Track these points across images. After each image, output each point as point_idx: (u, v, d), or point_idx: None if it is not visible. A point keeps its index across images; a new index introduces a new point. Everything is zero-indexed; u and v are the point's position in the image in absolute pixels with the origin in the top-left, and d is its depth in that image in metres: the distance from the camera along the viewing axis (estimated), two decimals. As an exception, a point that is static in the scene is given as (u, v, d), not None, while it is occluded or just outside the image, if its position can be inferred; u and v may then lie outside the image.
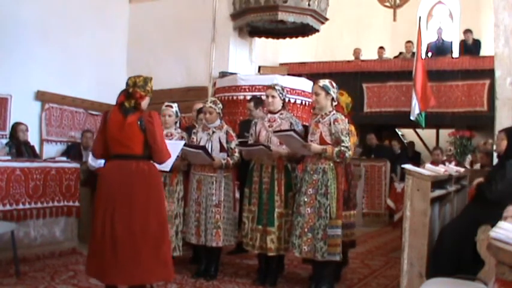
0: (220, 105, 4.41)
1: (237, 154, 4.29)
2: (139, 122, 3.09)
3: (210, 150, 4.24)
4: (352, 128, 4.30)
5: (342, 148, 3.78)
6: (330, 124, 3.84)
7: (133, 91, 3.17)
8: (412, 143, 10.42)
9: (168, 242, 3.24)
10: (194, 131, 4.52)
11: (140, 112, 3.14)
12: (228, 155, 4.28)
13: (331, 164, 3.82)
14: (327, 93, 3.89)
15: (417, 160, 9.31)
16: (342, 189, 3.88)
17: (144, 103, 3.22)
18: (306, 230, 3.80)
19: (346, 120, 3.95)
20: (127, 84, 3.23)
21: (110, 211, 3.04)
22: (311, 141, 3.88)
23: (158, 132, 3.14)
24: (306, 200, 3.83)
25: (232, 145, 4.30)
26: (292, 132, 3.84)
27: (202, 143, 4.32)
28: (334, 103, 3.96)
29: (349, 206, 4.21)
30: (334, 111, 3.92)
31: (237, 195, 4.89)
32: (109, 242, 3.00)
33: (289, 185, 4.08)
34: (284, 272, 4.45)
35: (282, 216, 4.02)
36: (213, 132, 4.36)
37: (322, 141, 3.84)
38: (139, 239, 3.02)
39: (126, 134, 3.09)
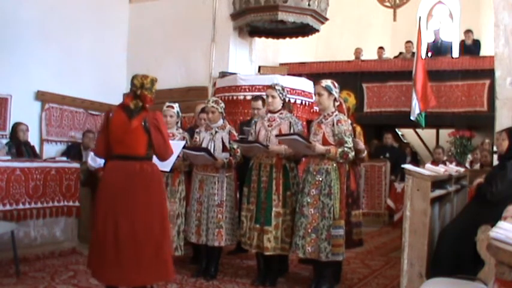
0: (222, 105, 4.41)
1: (239, 154, 4.30)
2: (143, 124, 3.09)
3: (212, 150, 4.25)
4: (359, 128, 4.31)
5: (345, 149, 3.78)
6: (333, 125, 3.83)
7: (141, 94, 3.15)
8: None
9: (169, 240, 3.24)
10: (197, 130, 4.54)
11: (145, 112, 3.13)
12: (230, 155, 4.29)
13: (334, 165, 3.82)
14: (330, 93, 3.88)
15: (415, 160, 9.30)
16: (345, 190, 3.87)
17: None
18: (309, 230, 3.79)
19: (349, 121, 3.96)
20: (132, 84, 3.19)
21: (112, 212, 3.02)
22: (313, 141, 3.88)
23: (165, 133, 3.20)
24: (309, 200, 3.82)
25: (235, 145, 4.30)
26: (296, 136, 3.83)
27: (205, 143, 4.33)
28: (337, 103, 3.96)
29: (358, 205, 4.23)
30: (337, 112, 3.92)
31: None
32: (111, 243, 2.99)
33: (287, 185, 4.07)
34: (288, 272, 4.45)
35: (279, 216, 4.01)
36: (216, 132, 4.37)
37: (324, 142, 3.84)
38: (142, 239, 3.01)
39: (131, 135, 3.09)
